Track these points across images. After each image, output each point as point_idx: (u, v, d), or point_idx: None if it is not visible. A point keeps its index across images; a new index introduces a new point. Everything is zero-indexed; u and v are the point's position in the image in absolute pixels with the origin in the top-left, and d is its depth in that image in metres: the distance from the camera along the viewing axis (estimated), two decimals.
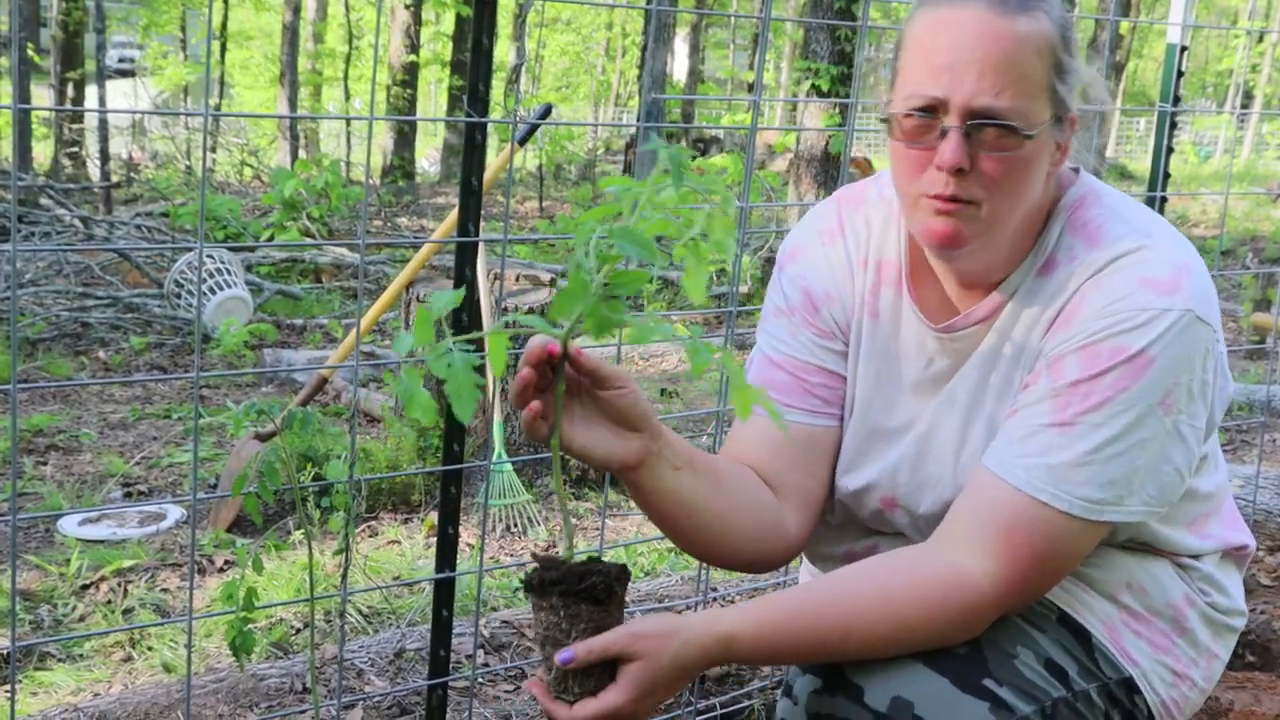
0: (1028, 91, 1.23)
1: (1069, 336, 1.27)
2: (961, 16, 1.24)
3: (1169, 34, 2.67)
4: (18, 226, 8.15)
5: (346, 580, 1.88)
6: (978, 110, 1.23)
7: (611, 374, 1.22)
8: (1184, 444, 1.26)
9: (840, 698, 1.26)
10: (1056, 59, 1.26)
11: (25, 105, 2.62)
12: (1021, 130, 1.23)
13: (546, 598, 1.16)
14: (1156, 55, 31.41)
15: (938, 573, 1.25)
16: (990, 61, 1.22)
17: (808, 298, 1.47)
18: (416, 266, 4.08)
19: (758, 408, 1.47)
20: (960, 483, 1.36)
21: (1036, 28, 1.24)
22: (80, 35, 15.18)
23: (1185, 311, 1.23)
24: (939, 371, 1.41)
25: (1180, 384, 1.24)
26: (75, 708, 2.21)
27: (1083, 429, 1.23)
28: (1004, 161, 1.24)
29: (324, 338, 6.79)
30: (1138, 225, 1.31)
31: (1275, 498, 3.28)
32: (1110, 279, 1.27)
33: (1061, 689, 1.28)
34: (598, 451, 1.25)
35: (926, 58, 1.26)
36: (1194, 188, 18.17)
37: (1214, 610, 1.41)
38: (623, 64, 28.96)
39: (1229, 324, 7.76)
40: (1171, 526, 1.37)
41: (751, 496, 1.41)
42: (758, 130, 2.16)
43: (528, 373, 1.17)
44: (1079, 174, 1.38)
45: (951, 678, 1.23)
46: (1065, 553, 1.26)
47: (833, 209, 1.51)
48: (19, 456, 4.46)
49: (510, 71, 18.92)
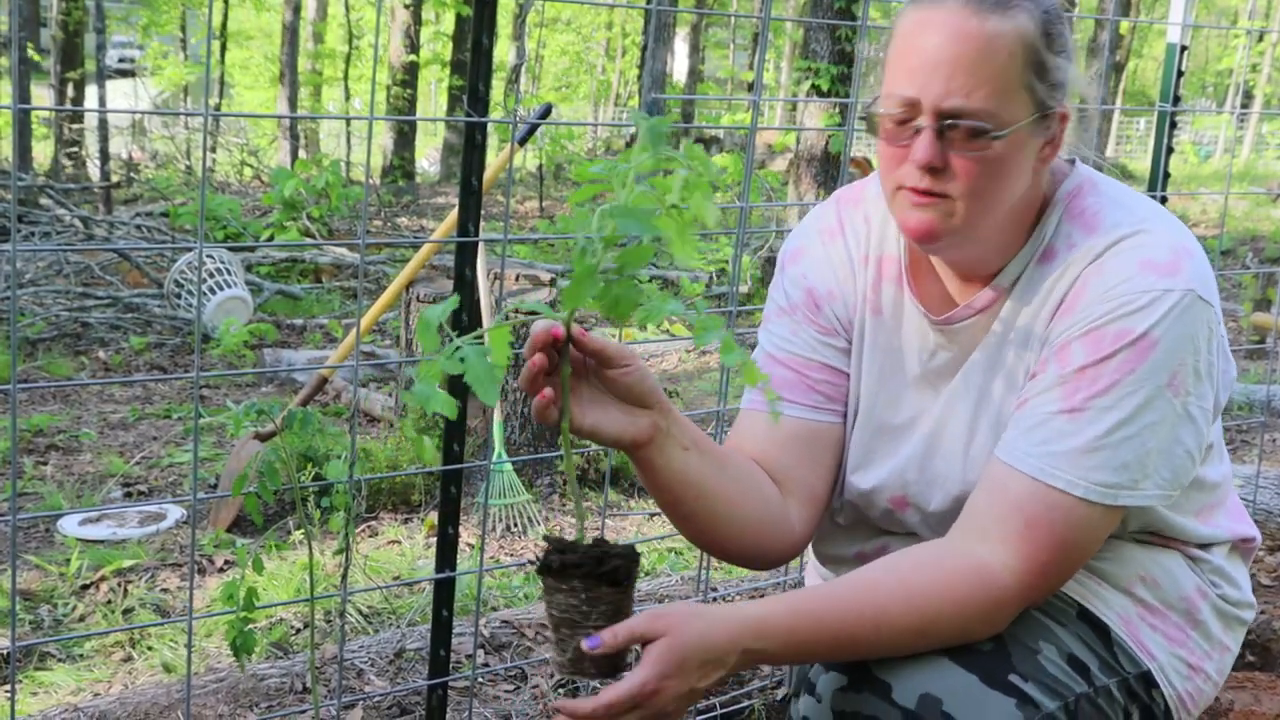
0: (1000, 91, 1.24)
1: (1073, 323, 1.27)
2: (938, 16, 1.25)
3: (1169, 34, 2.67)
4: (18, 226, 8.15)
5: (346, 580, 1.88)
6: (947, 111, 1.24)
7: (617, 352, 1.22)
8: (1194, 425, 1.27)
9: (867, 694, 1.26)
10: (1036, 57, 1.25)
11: (25, 105, 2.61)
12: (991, 131, 1.24)
13: (567, 580, 1.16)
14: (1156, 55, 31.41)
15: (958, 567, 1.25)
16: (960, 63, 1.23)
17: (810, 296, 1.48)
18: (416, 266, 4.08)
19: (757, 403, 1.49)
20: (969, 478, 1.36)
21: (1011, 26, 1.24)
22: (80, 35, 15.18)
23: (1187, 291, 1.24)
24: (942, 364, 1.41)
25: (1186, 364, 1.24)
26: (75, 708, 2.21)
27: (1093, 413, 1.24)
28: (975, 160, 1.25)
29: (324, 338, 6.79)
30: (1135, 211, 1.31)
31: (1275, 497, 3.28)
32: (1111, 263, 1.27)
33: (1084, 684, 1.28)
34: (608, 430, 1.25)
35: (904, 58, 1.27)
36: (1194, 187, 18.18)
37: (1225, 602, 1.42)
38: (623, 64, 28.97)
39: (1229, 324, 7.77)
40: (1181, 515, 1.38)
41: (757, 487, 1.41)
42: (758, 130, 2.16)
43: (538, 358, 1.17)
44: (1075, 165, 1.39)
45: (979, 674, 1.23)
46: (1083, 540, 1.26)
47: (832, 208, 1.52)
48: (19, 456, 4.46)
49: (510, 71, 18.92)
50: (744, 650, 1.21)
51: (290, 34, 16.68)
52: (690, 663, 1.18)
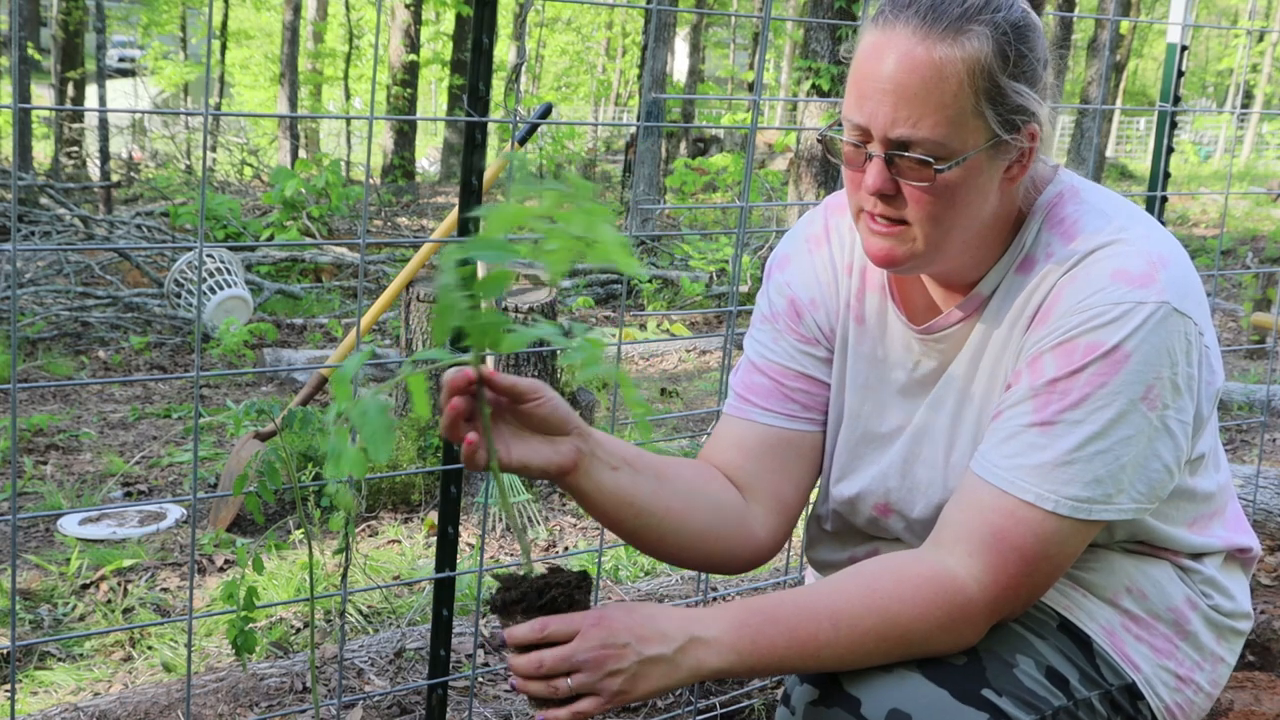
0: (950, 120, 1.21)
1: (1046, 334, 1.26)
2: (889, 41, 1.22)
3: (1169, 33, 2.67)
4: (18, 226, 8.15)
5: (347, 580, 1.88)
6: (894, 140, 1.22)
7: (529, 386, 1.23)
8: (1172, 439, 1.24)
9: (837, 709, 1.25)
10: (990, 83, 1.21)
11: (25, 105, 2.62)
12: (934, 164, 1.22)
13: (512, 617, 1.18)
14: (1157, 55, 31.41)
15: (923, 573, 1.24)
16: (904, 93, 1.21)
17: (792, 305, 1.48)
18: (416, 266, 4.08)
19: (733, 408, 1.50)
20: (951, 486, 1.35)
21: (961, 55, 1.20)
22: (80, 35, 15.19)
23: (1160, 304, 1.21)
24: (926, 374, 1.40)
25: (1162, 378, 1.22)
26: (75, 707, 2.22)
27: (1064, 427, 1.22)
28: (925, 190, 1.24)
29: (324, 337, 6.79)
30: (1113, 219, 1.29)
31: (1275, 497, 3.28)
32: (1084, 273, 1.25)
33: (1062, 697, 1.27)
34: (535, 461, 1.25)
35: (856, 83, 1.26)
36: (1194, 187, 18.18)
37: (1217, 613, 1.39)
38: (623, 63, 28.96)
39: (1229, 324, 7.77)
40: (1171, 526, 1.36)
41: (707, 497, 1.41)
42: (758, 130, 2.16)
43: (456, 402, 1.17)
44: (1059, 172, 1.36)
45: (950, 689, 1.22)
46: (1055, 554, 1.24)
47: (820, 215, 1.52)
48: (19, 456, 4.46)
49: (510, 71, 18.91)
50: (692, 637, 1.20)
51: (290, 33, 16.69)
52: (633, 619, 1.19)
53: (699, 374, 6.38)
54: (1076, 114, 16.15)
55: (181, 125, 14.90)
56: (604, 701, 1.18)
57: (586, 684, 1.16)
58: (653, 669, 1.18)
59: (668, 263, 9.31)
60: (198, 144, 14.27)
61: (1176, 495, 1.33)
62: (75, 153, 13.10)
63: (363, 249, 1.66)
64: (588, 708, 1.18)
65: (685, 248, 9.19)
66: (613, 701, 1.18)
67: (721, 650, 1.21)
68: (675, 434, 4.81)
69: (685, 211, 12.91)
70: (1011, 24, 1.22)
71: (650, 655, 1.18)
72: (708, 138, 18.59)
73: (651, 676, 1.19)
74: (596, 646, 1.16)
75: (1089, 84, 15.32)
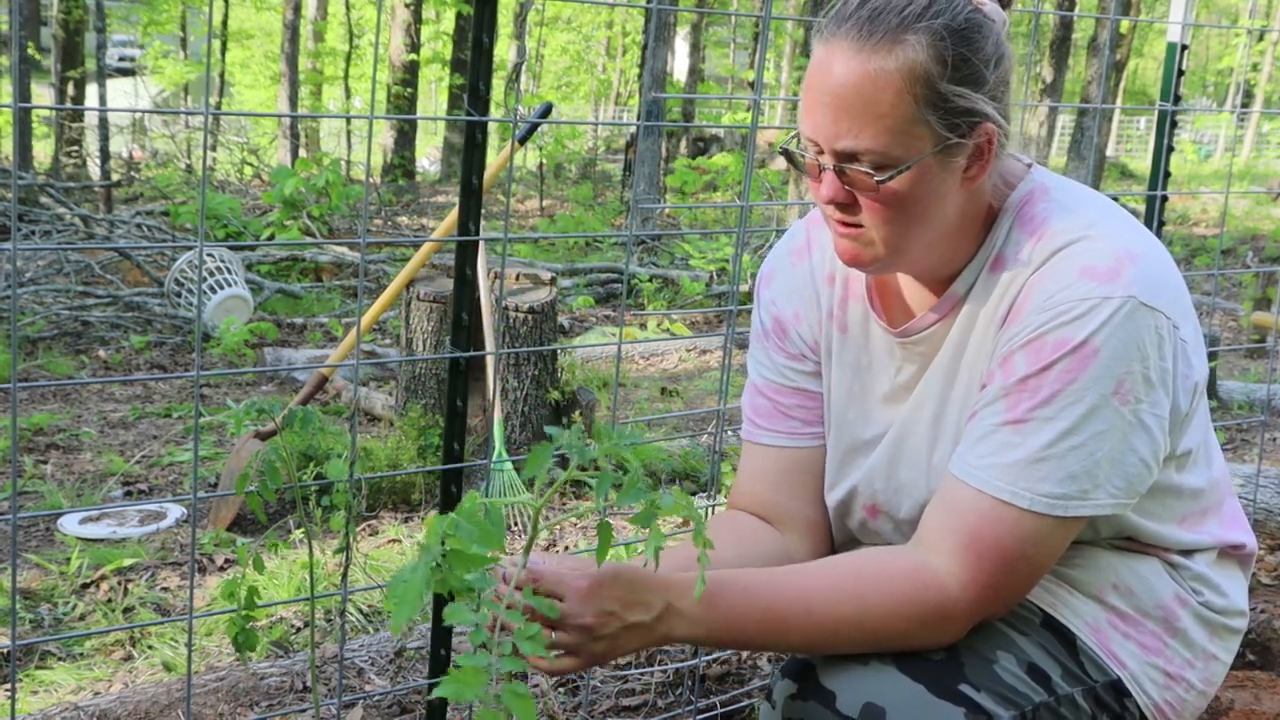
0: (889, 129, 1.21)
1: (1016, 333, 1.26)
2: (829, 56, 1.23)
3: (1169, 33, 2.67)
4: (18, 225, 8.15)
5: (347, 579, 1.88)
6: (840, 152, 1.24)
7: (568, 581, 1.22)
8: (1148, 434, 1.24)
9: (813, 702, 1.26)
10: (930, 89, 1.21)
11: (26, 104, 2.63)
12: (875, 175, 1.23)
13: None
14: (1157, 54, 31.40)
15: (904, 566, 1.26)
16: (844, 106, 1.22)
17: (777, 322, 1.51)
18: (417, 265, 4.08)
19: (750, 433, 1.51)
20: (934, 486, 1.35)
21: (895, 65, 1.20)
22: (81, 34, 15.18)
23: (1127, 299, 1.21)
24: (908, 378, 1.41)
25: (1133, 372, 1.21)
26: (75, 706, 2.22)
27: (1035, 424, 1.22)
28: (875, 198, 1.25)
29: (324, 336, 6.79)
30: (1082, 216, 1.29)
31: (1275, 496, 3.28)
32: (1052, 271, 1.26)
33: (1044, 693, 1.27)
34: None
35: (804, 97, 1.27)
36: (1194, 186, 18.19)
37: (1209, 610, 1.38)
38: (623, 63, 28.96)
39: (1229, 323, 7.76)
40: (1159, 523, 1.35)
41: (755, 551, 1.44)
42: (758, 129, 2.16)
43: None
44: (1031, 169, 1.36)
45: (926, 683, 1.23)
46: (1034, 553, 1.24)
47: (803, 229, 1.53)
48: (19, 455, 4.46)
49: (511, 70, 18.92)
50: (668, 605, 1.22)
51: (291, 33, 16.69)
52: (620, 587, 1.21)
53: (699, 373, 6.38)
54: (1077, 113, 16.15)
55: (182, 124, 14.91)
56: (583, 663, 1.21)
57: (571, 644, 1.20)
58: (632, 634, 1.22)
59: (668, 262, 9.32)
60: (198, 143, 14.27)
61: (1163, 492, 1.33)
62: (75, 152, 13.10)
63: (363, 248, 1.66)
64: (568, 666, 1.21)
65: (685, 247, 9.20)
66: (591, 663, 1.22)
67: (693, 621, 1.24)
68: (675, 434, 4.81)
69: (685, 211, 12.92)
70: (951, 29, 1.22)
71: (632, 622, 1.21)
72: (708, 137, 18.59)
73: (630, 641, 1.22)
74: (589, 614, 1.19)
75: (1089, 83, 15.32)
